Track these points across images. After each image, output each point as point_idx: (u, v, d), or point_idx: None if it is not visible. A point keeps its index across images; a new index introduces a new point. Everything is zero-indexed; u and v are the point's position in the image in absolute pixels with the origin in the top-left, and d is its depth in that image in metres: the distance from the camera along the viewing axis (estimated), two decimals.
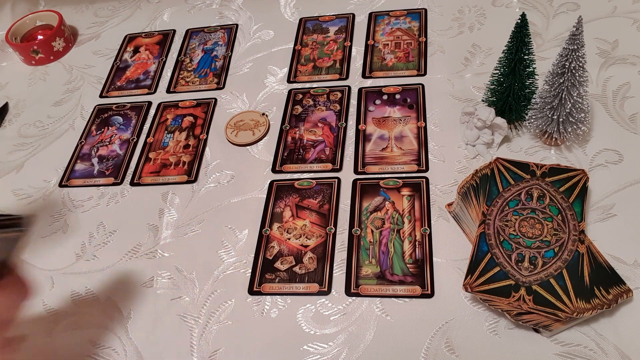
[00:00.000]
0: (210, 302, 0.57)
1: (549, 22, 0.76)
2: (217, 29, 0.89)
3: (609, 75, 0.68)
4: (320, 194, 0.64)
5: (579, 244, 0.49)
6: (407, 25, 0.81)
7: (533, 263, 0.49)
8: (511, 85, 0.61)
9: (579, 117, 0.58)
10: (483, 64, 0.73)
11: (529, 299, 0.47)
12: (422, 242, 0.58)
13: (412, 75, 0.74)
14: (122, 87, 0.84)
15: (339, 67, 0.78)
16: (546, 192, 0.53)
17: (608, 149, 0.61)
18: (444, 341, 0.51)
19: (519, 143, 0.64)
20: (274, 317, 0.55)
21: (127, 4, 0.98)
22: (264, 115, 0.73)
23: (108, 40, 0.92)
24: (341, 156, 0.67)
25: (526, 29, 0.57)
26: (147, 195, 0.69)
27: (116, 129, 0.78)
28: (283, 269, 0.58)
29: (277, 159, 0.69)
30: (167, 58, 0.87)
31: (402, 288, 0.55)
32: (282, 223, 0.62)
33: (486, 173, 0.55)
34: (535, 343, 0.49)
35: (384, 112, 0.71)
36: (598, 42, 0.72)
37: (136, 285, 0.60)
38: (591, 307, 0.46)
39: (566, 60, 0.54)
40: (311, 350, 0.52)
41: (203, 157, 0.71)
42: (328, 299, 0.56)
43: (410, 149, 0.66)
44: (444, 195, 0.61)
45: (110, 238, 0.65)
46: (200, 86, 0.81)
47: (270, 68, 0.80)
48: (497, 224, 0.52)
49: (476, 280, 0.49)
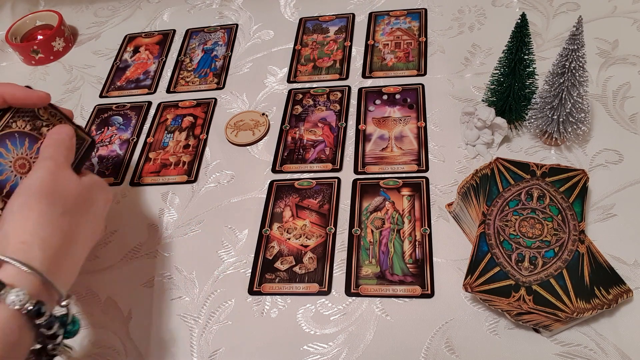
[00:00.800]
0: (210, 302, 0.57)
1: (549, 22, 0.76)
2: (217, 29, 0.89)
3: (609, 75, 0.68)
4: (320, 194, 0.64)
5: (579, 244, 0.49)
6: (407, 25, 0.81)
7: (533, 263, 0.49)
8: (511, 85, 0.61)
9: (579, 117, 0.58)
10: (483, 64, 0.73)
11: (529, 299, 0.47)
12: (422, 242, 0.58)
13: (412, 75, 0.74)
14: (122, 87, 0.84)
15: (339, 67, 0.78)
16: (546, 192, 0.53)
17: (608, 149, 0.61)
18: (444, 341, 0.51)
19: (519, 143, 0.64)
20: (274, 317, 0.55)
21: (127, 4, 0.98)
22: (264, 115, 0.73)
23: (108, 40, 0.92)
24: (341, 156, 0.67)
25: (526, 29, 0.57)
26: (147, 195, 0.69)
27: (116, 129, 0.78)
28: (283, 269, 0.58)
29: (277, 159, 0.69)
30: (167, 58, 0.87)
31: (402, 288, 0.55)
32: (282, 223, 0.62)
33: (486, 173, 0.56)
34: (535, 343, 0.49)
35: (384, 112, 0.71)
36: (598, 42, 0.72)
37: (136, 285, 0.60)
38: (591, 307, 0.46)
39: (566, 60, 0.54)
40: (311, 350, 0.52)
41: (203, 157, 0.71)
42: (328, 299, 0.56)
43: (410, 149, 0.66)
44: (444, 195, 0.61)
45: (111, 238, 0.65)
46: (200, 86, 0.81)
47: (270, 68, 0.80)
48: (497, 224, 0.52)
49: (476, 280, 0.49)
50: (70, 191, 0.47)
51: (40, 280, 0.41)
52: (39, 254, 0.41)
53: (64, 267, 0.44)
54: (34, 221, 0.43)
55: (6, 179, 0.48)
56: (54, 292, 0.42)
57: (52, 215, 0.44)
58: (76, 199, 0.47)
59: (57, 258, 0.43)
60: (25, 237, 0.42)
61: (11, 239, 0.41)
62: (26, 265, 0.40)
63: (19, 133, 0.50)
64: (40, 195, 0.44)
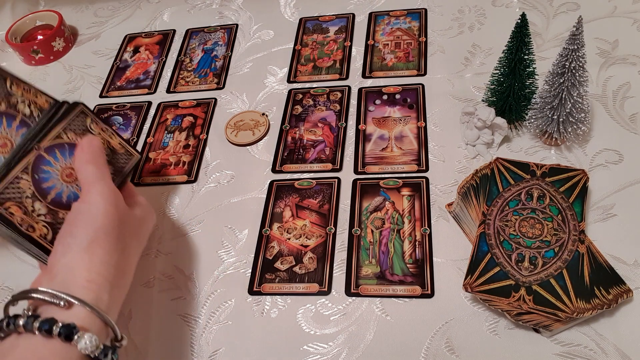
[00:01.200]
0: (210, 302, 0.57)
1: (549, 22, 0.76)
2: (217, 29, 0.89)
3: (609, 75, 0.68)
4: (320, 194, 0.64)
5: (579, 244, 0.49)
6: (407, 25, 0.81)
7: (533, 263, 0.49)
8: (511, 85, 0.61)
9: (579, 117, 0.58)
10: (483, 64, 0.73)
11: (529, 299, 0.47)
12: (422, 242, 0.58)
13: (412, 75, 0.74)
14: (122, 87, 0.84)
15: (339, 67, 0.78)
16: (546, 192, 0.53)
17: (608, 149, 0.61)
18: (444, 341, 0.51)
19: (519, 143, 0.64)
20: (274, 317, 0.55)
21: (127, 4, 0.98)
22: (264, 115, 0.73)
23: (108, 40, 0.92)
24: (341, 156, 0.67)
25: (526, 29, 0.57)
26: (147, 195, 0.68)
27: (116, 129, 0.78)
28: (283, 269, 0.58)
29: (277, 159, 0.69)
30: (167, 58, 0.87)
31: (402, 288, 0.55)
32: (282, 223, 0.62)
33: (486, 173, 0.56)
34: (535, 343, 0.49)
35: (384, 112, 0.71)
36: (598, 42, 0.72)
37: (136, 285, 0.60)
38: (591, 307, 0.46)
39: (566, 60, 0.54)
40: (311, 350, 0.52)
41: (203, 157, 0.71)
42: (328, 299, 0.56)
43: (410, 149, 0.66)
44: (444, 195, 0.61)
45: None
46: (200, 86, 0.81)
47: (270, 68, 0.80)
48: (497, 224, 0.52)
49: (476, 280, 0.49)
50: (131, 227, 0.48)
51: (104, 323, 0.41)
52: (106, 297, 0.42)
53: (118, 304, 0.45)
54: (100, 260, 0.43)
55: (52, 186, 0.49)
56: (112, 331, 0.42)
57: (116, 254, 0.45)
58: (133, 233, 0.49)
59: (116, 297, 0.44)
60: (92, 277, 0.42)
61: (78, 276, 0.42)
62: (96, 309, 0.40)
63: (69, 145, 0.51)
64: (106, 232, 0.45)
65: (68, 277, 0.42)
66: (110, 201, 0.47)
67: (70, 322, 0.39)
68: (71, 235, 0.44)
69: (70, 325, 0.38)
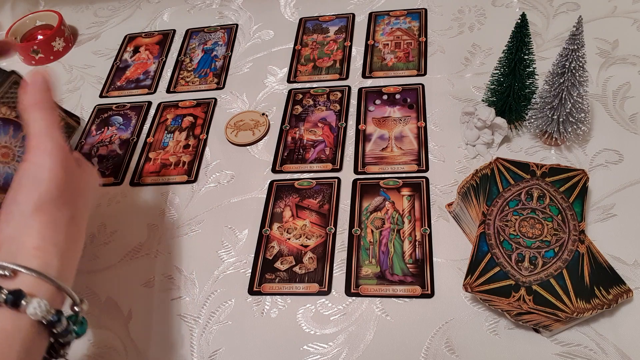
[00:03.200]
0: (210, 302, 0.57)
1: (549, 22, 0.76)
2: (217, 29, 0.89)
3: (609, 75, 0.68)
4: (320, 194, 0.64)
5: (579, 244, 0.49)
6: (407, 25, 0.81)
7: (533, 263, 0.49)
8: (511, 85, 0.61)
9: (579, 117, 0.58)
10: (483, 64, 0.73)
11: (529, 299, 0.47)
12: (422, 242, 0.58)
13: (412, 75, 0.74)
14: (122, 87, 0.84)
15: (339, 67, 0.78)
16: (546, 192, 0.53)
17: (608, 149, 0.61)
18: (444, 341, 0.51)
19: (519, 143, 0.64)
20: (274, 317, 0.55)
21: (127, 4, 0.98)
22: (264, 115, 0.73)
23: (108, 40, 0.92)
24: (341, 156, 0.67)
25: (526, 29, 0.57)
26: (147, 195, 0.69)
27: (116, 129, 0.78)
28: (283, 269, 0.58)
29: (277, 159, 0.69)
30: (167, 58, 0.87)
31: (402, 288, 0.55)
32: (282, 223, 0.62)
33: (486, 173, 0.56)
34: (535, 343, 0.49)
35: (384, 112, 0.71)
36: (598, 42, 0.72)
37: (136, 285, 0.60)
38: (591, 307, 0.46)
39: (566, 60, 0.54)
40: (311, 350, 0.52)
41: (203, 157, 0.71)
42: (328, 299, 0.56)
43: (410, 149, 0.66)
44: (444, 195, 0.61)
45: (111, 238, 0.65)
46: (200, 86, 0.81)
47: (270, 68, 0.80)
48: (497, 224, 0.52)
49: (476, 280, 0.49)
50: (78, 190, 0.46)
51: (56, 288, 0.40)
52: (55, 262, 0.41)
53: (72, 269, 0.44)
54: (46, 226, 0.42)
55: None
56: (67, 296, 0.41)
57: (64, 218, 0.43)
58: (81, 196, 0.46)
59: (68, 262, 0.43)
60: (39, 243, 0.41)
61: (23, 245, 0.40)
62: (44, 275, 0.39)
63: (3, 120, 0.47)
64: (52, 197, 0.42)
65: (13, 246, 0.40)
66: (57, 160, 0.43)
67: (17, 289, 0.37)
68: (15, 202, 0.42)
69: (17, 291, 0.37)
